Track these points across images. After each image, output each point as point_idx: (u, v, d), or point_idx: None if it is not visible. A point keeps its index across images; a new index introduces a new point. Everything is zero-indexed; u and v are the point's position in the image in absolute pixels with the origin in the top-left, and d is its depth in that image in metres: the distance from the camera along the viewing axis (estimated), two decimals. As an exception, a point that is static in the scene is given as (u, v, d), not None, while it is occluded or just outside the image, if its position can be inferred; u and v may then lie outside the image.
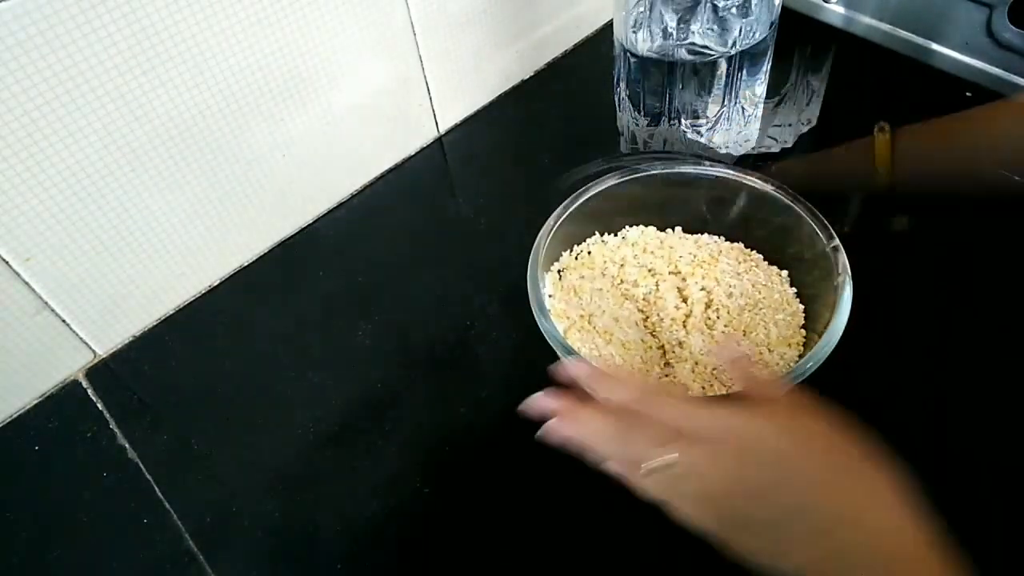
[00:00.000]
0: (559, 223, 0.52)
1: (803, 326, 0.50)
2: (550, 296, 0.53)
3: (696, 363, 0.49)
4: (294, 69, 0.57)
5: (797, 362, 0.45)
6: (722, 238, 0.56)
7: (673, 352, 0.50)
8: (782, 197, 0.51)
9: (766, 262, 0.55)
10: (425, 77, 0.67)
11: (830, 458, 0.33)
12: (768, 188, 0.52)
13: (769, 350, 0.49)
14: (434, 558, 0.45)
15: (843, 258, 0.47)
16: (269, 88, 0.56)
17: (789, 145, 0.66)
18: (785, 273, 0.54)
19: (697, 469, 0.34)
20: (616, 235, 0.57)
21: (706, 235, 0.57)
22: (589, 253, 0.56)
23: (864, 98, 0.70)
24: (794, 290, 0.52)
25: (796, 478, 0.32)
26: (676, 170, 0.54)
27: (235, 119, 0.55)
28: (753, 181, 0.53)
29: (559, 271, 0.54)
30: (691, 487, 0.34)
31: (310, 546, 0.46)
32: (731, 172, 0.53)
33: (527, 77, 0.77)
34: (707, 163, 0.54)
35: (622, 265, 0.55)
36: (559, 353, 0.45)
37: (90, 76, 0.46)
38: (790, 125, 0.64)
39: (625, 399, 0.37)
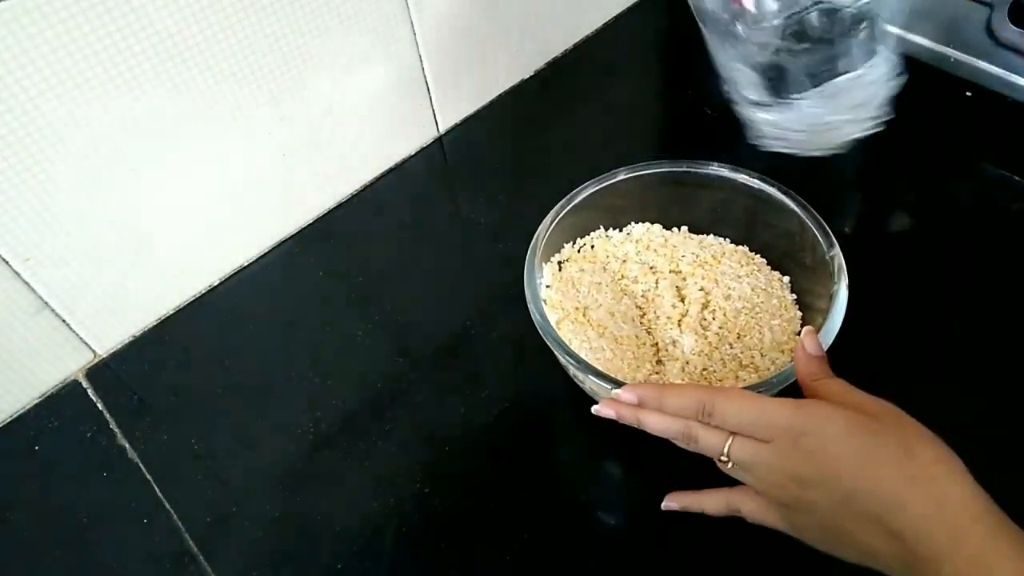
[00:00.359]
0: (562, 215, 0.52)
1: (799, 332, 0.50)
2: (547, 287, 0.53)
3: (687, 362, 0.49)
4: (294, 68, 0.57)
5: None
6: (727, 240, 0.56)
7: (666, 351, 0.50)
8: (788, 202, 0.51)
9: (769, 266, 0.55)
10: (425, 77, 0.67)
11: (875, 445, 0.33)
12: (774, 192, 0.52)
13: (761, 354, 0.49)
14: (434, 558, 0.45)
15: (841, 265, 0.47)
16: (269, 88, 0.56)
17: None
18: (787, 279, 0.53)
19: (754, 462, 0.36)
20: (621, 231, 0.57)
21: (711, 236, 0.57)
22: (592, 247, 0.56)
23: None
24: (794, 296, 0.52)
25: (843, 467, 0.33)
26: (683, 169, 0.54)
27: (234, 118, 0.55)
28: (760, 184, 0.52)
29: (559, 262, 0.55)
30: (753, 482, 0.37)
31: (310, 546, 0.46)
32: (738, 174, 0.53)
33: (527, 77, 0.77)
34: (714, 164, 0.54)
35: (624, 261, 0.55)
36: (548, 342, 0.45)
37: (90, 76, 0.46)
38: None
39: (685, 406, 0.38)
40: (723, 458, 0.37)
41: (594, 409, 0.42)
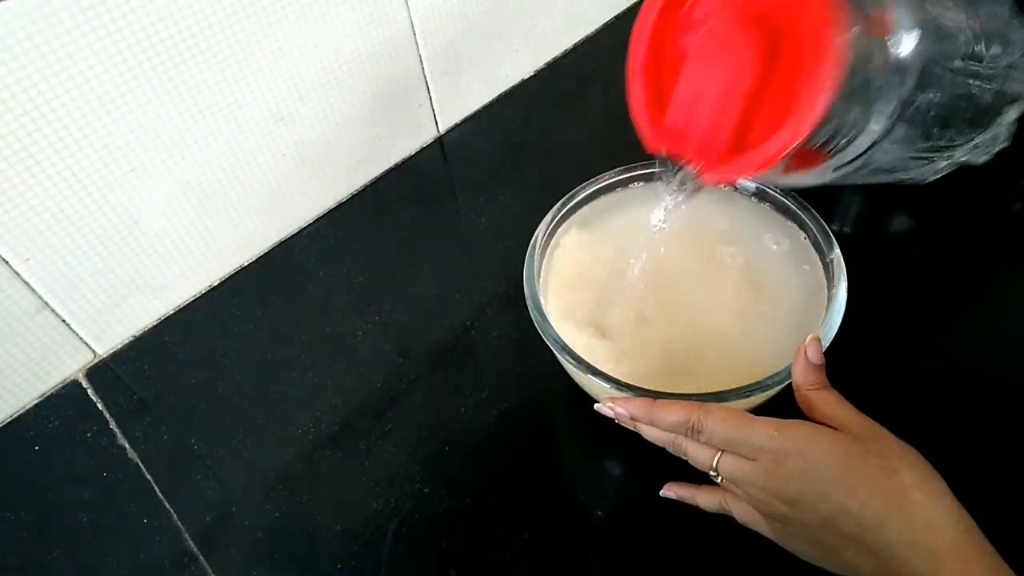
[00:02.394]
0: (562, 214, 0.52)
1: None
2: (543, 276, 0.53)
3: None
4: (294, 68, 0.57)
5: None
6: None
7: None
8: (788, 203, 0.51)
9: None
10: (425, 77, 0.67)
11: (856, 467, 0.34)
12: (775, 193, 0.52)
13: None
14: (434, 558, 0.45)
15: (841, 267, 0.47)
16: (269, 87, 0.56)
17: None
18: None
19: (741, 479, 0.37)
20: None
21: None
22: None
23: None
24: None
25: (826, 489, 0.34)
26: None
27: (236, 118, 0.55)
28: (764, 187, 0.52)
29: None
30: (741, 495, 0.38)
31: (310, 546, 0.46)
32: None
33: (527, 77, 0.77)
34: None
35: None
36: (548, 342, 0.45)
37: (90, 76, 0.46)
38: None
39: (675, 422, 0.39)
40: (712, 472, 0.38)
41: (596, 406, 0.43)
